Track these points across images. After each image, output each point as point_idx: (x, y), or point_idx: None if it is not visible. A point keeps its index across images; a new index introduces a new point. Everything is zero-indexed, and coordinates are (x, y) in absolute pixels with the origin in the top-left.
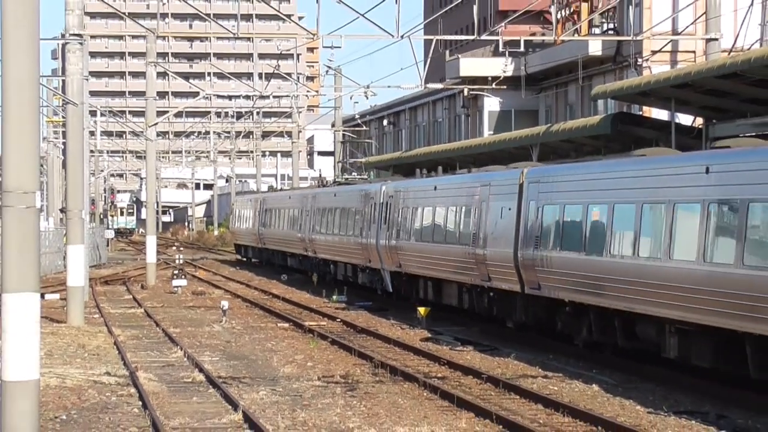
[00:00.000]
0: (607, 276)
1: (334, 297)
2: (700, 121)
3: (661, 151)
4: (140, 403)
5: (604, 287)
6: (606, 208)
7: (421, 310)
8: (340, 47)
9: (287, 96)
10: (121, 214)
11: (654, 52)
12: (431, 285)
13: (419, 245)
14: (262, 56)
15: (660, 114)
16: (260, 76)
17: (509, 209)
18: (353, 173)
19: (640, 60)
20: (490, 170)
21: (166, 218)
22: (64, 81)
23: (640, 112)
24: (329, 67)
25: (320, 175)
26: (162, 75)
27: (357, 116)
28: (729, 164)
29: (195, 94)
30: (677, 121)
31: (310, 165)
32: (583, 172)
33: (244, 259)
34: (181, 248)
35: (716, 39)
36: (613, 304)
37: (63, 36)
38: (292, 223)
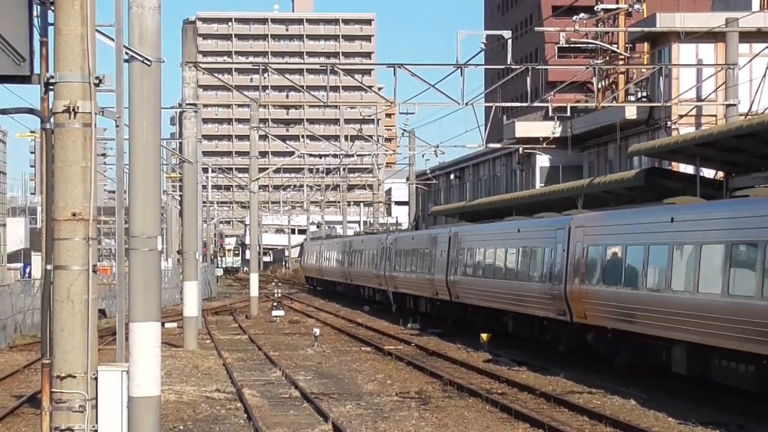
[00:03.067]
0: (487, 289)
1: (409, 325)
2: (721, 174)
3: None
4: (245, 415)
5: (486, 295)
6: (490, 250)
7: (484, 336)
8: (413, 113)
9: (368, 155)
10: (229, 254)
11: (681, 116)
12: (412, 299)
13: (405, 274)
14: (347, 121)
15: (687, 168)
16: (346, 138)
17: (444, 251)
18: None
19: (669, 122)
20: (439, 227)
21: (267, 258)
22: (181, 143)
23: (670, 167)
24: (404, 130)
25: (397, 222)
26: (263, 137)
27: (428, 171)
28: (529, 227)
29: (290, 154)
30: (701, 174)
31: (388, 213)
32: (482, 228)
33: (311, 287)
34: (279, 284)
35: (734, 104)
36: (492, 305)
37: (180, 105)
38: (338, 260)
